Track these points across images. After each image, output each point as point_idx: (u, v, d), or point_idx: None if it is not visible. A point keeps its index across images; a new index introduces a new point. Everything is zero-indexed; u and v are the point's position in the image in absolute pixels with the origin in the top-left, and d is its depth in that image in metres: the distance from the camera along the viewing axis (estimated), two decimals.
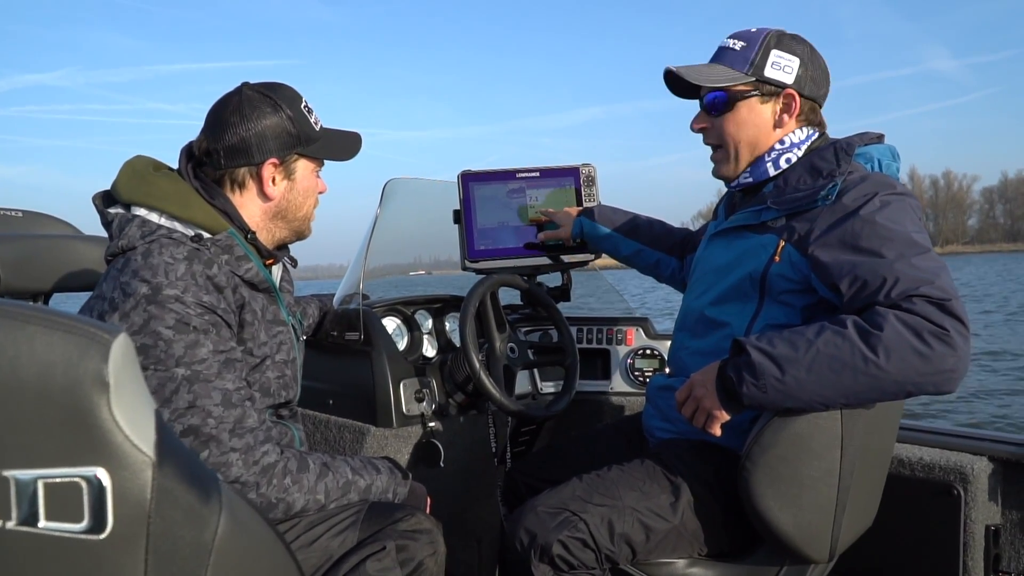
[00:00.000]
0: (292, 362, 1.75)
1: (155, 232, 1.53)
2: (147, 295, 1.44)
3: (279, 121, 1.64)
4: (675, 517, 1.70)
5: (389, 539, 1.56)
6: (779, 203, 1.73)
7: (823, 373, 1.47)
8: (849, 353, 1.45)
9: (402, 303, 2.53)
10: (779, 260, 1.71)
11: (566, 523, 1.66)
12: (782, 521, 1.60)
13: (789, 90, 1.81)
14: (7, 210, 2.40)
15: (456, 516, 1.98)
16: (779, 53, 1.80)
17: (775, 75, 1.80)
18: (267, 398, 1.65)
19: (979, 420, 8.07)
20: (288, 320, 1.76)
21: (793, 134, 1.84)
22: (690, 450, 1.82)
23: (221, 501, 0.79)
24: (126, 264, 1.50)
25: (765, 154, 1.84)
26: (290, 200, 1.71)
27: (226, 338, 1.52)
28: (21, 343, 0.67)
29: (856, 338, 1.45)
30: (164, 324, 1.43)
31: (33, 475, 0.67)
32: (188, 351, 1.44)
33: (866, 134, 1.82)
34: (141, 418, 0.71)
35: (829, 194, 1.65)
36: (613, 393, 2.74)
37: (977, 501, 2.05)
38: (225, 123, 1.63)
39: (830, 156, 1.73)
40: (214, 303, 1.50)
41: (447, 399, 2.33)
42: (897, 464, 2.15)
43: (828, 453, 1.57)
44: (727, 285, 1.82)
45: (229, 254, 1.59)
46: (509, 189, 2.54)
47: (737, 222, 1.84)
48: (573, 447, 2.17)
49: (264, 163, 1.64)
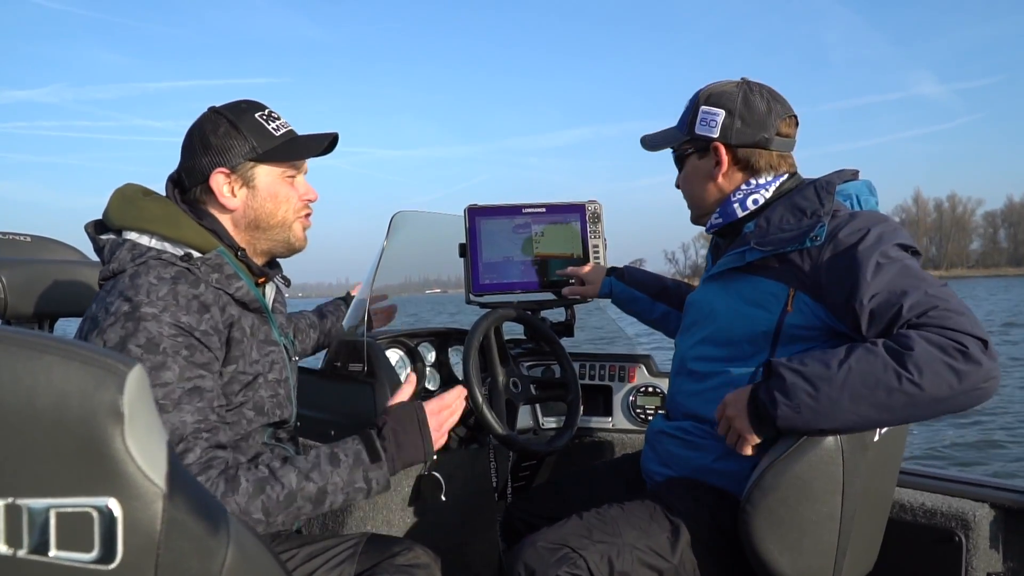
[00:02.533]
0: (285, 381, 1.74)
1: (145, 254, 1.55)
2: (126, 312, 1.45)
3: (227, 133, 1.64)
4: (674, 557, 1.69)
5: (386, 573, 1.56)
6: (763, 243, 1.75)
7: (857, 391, 1.48)
8: (882, 371, 1.47)
9: (406, 335, 2.54)
10: (792, 310, 1.72)
11: (565, 559, 1.65)
12: (782, 565, 1.59)
13: (715, 143, 1.89)
14: (15, 235, 2.42)
15: (455, 549, 1.97)
16: (706, 109, 1.90)
17: (702, 131, 1.90)
18: (261, 416, 1.64)
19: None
20: (280, 340, 1.75)
21: (757, 178, 1.88)
22: (689, 490, 1.82)
23: (229, 533, 0.80)
24: (114, 286, 1.52)
25: (730, 196, 1.90)
26: (256, 208, 1.68)
27: (198, 363, 1.49)
28: (38, 373, 0.67)
29: (887, 357, 1.47)
30: (136, 342, 1.42)
31: (46, 504, 0.68)
32: (152, 373, 1.42)
33: (843, 171, 1.87)
34: (154, 449, 0.71)
35: (818, 234, 1.67)
36: (614, 430, 2.74)
37: (979, 548, 2.04)
38: (186, 147, 1.68)
39: (812, 196, 1.75)
40: (192, 325, 1.49)
41: (449, 432, 2.33)
42: (898, 509, 2.14)
43: (829, 497, 1.57)
44: (733, 333, 1.82)
45: (219, 272, 1.59)
46: (515, 224, 2.56)
47: (724, 266, 1.86)
48: (573, 484, 2.17)
49: (212, 174, 1.64)
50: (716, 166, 1.90)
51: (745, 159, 1.88)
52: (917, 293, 1.52)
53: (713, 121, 1.88)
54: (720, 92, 1.89)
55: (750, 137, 1.86)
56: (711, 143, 1.89)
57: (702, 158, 1.93)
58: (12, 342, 0.68)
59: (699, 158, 1.94)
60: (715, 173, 1.91)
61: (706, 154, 1.92)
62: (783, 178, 1.88)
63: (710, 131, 1.88)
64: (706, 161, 1.92)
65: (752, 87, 1.88)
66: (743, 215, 1.88)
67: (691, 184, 1.99)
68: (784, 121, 1.88)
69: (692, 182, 1.98)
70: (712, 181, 1.92)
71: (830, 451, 1.55)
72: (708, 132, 1.89)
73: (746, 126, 1.86)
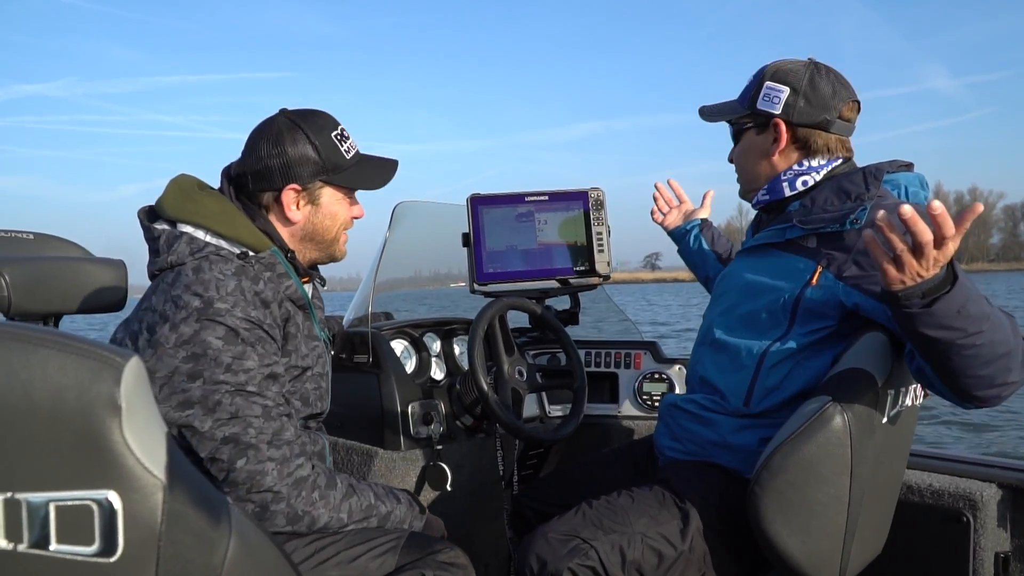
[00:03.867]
0: (326, 375, 1.81)
1: (203, 249, 1.59)
2: (199, 308, 1.49)
3: (304, 149, 1.68)
4: (684, 543, 1.69)
5: (428, 568, 1.60)
6: (805, 222, 1.77)
7: (991, 335, 1.39)
8: (1008, 333, 1.43)
9: (410, 325, 2.53)
10: (815, 284, 1.74)
11: (576, 551, 1.65)
12: (791, 547, 1.59)
13: (776, 119, 1.86)
14: (18, 232, 2.42)
15: (463, 539, 1.97)
16: (771, 85, 1.87)
17: (764, 107, 1.88)
18: (306, 408, 1.72)
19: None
20: (321, 336, 1.80)
21: (808, 161, 1.87)
22: (698, 474, 1.82)
23: (231, 524, 0.79)
24: (177, 278, 1.55)
25: (781, 174, 1.89)
26: (315, 224, 1.74)
27: (270, 352, 1.57)
28: (34, 366, 0.67)
29: (1008, 324, 1.45)
30: (214, 335, 1.48)
31: (45, 498, 0.68)
32: (236, 361, 1.49)
33: (895, 161, 1.87)
34: (152, 441, 0.71)
35: (859, 217, 1.68)
36: (621, 417, 2.73)
37: (986, 528, 2.03)
38: (256, 149, 1.69)
39: (859, 180, 1.76)
40: (260, 318, 1.56)
41: (455, 422, 2.33)
42: (907, 490, 2.13)
43: (837, 479, 1.57)
44: (756, 305, 1.84)
45: (272, 271, 1.64)
46: (518, 213, 2.55)
47: (763, 240, 1.89)
48: (581, 471, 2.17)
49: (285, 188, 1.68)
50: (774, 143, 1.88)
51: (804, 139, 1.87)
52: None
53: (777, 97, 1.86)
54: (787, 69, 1.88)
55: (812, 117, 1.85)
56: (772, 119, 1.88)
57: (760, 133, 1.92)
58: (7, 336, 0.68)
59: (757, 133, 1.92)
60: (772, 150, 1.89)
61: (764, 130, 1.90)
62: (837, 162, 1.87)
63: (772, 107, 1.87)
64: (764, 137, 1.91)
65: (819, 68, 1.87)
66: (790, 195, 1.88)
67: (746, 159, 1.97)
68: (848, 105, 1.87)
69: (747, 157, 1.97)
70: (767, 158, 1.91)
71: (838, 433, 1.55)
72: (770, 108, 1.87)
73: (809, 106, 1.85)
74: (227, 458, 1.48)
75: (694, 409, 1.92)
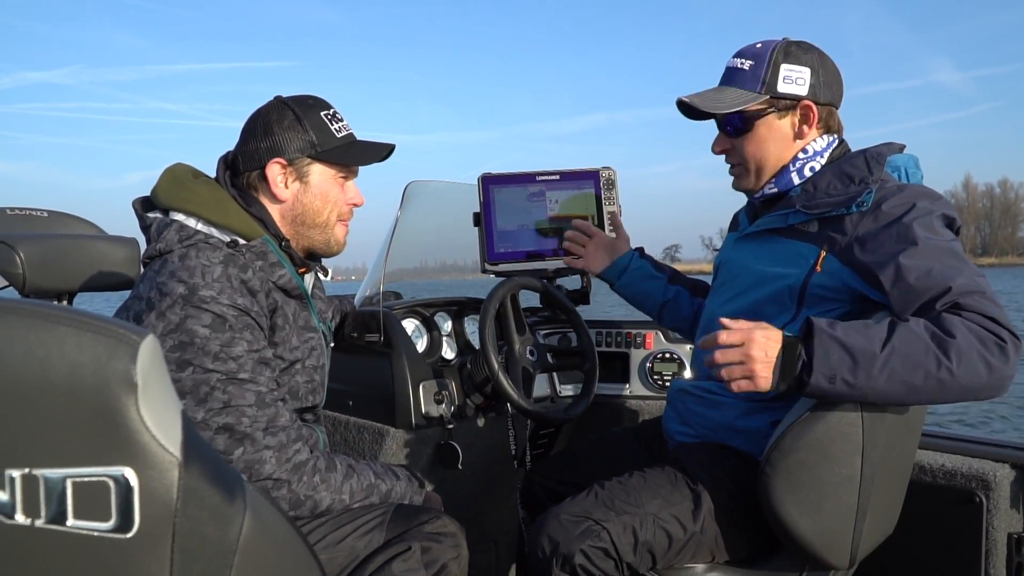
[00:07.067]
0: (321, 368, 1.79)
1: (192, 237, 1.58)
2: (184, 295, 1.48)
3: (291, 124, 1.67)
4: (696, 524, 1.70)
5: (415, 540, 1.59)
6: (809, 207, 1.74)
7: (896, 372, 1.44)
8: (923, 354, 1.43)
9: (422, 305, 2.53)
10: (820, 270, 1.72)
11: (589, 532, 1.65)
12: (802, 527, 1.59)
13: (805, 101, 1.82)
14: (32, 210, 2.43)
15: (474, 518, 1.98)
16: (789, 67, 1.81)
17: (788, 89, 1.82)
18: (295, 401, 1.70)
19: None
20: (319, 327, 1.79)
21: (815, 142, 1.84)
22: (709, 455, 1.82)
23: (246, 501, 0.80)
24: (163, 266, 1.54)
25: (789, 164, 1.85)
26: (305, 204, 1.72)
27: (259, 339, 1.56)
28: (51, 344, 0.67)
29: (930, 342, 1.44)
30: (200, 323, 1.48)
31: (62, 474, 0.68)
32: (224, 349, 1.49)
33: (892, 144, 1.84)
34: (168, 418, 0.71)
35: (865, 200, 1.66)
36: (632, 397, 2.74)
37: (999, 509, 2.03)
38: (247, 131, 1.70)
39: (861, 163, 1.74)
40: (247, 306, 1.55)
41: (466, 401, 2.34)
42: (919, 471, 2.13)
43: (849, 459, 1.56)
44: (762, 294, 1.83)
45: (263, 260, 1.63)
46: (529, 192, 2.54)
47: (763, 226, 1.85)
48: (592, 451, 2.17)
49: (269, 163, 1.67)
50: (803, 124, 1.83)
51: (827, 117, 1.85)
52: (961, 277, 1.50)
53: (801, 79, 1.81)
54: (797, 47, 1.83)
55: (832, 94, 1.84)
56: (799, 101, 1.82)
57: (782, 117, 1.84)
58: (25, 313, 0.69)
59: (779, 117, 1.85)
60: (802, 131, 1.83)
61: (786, 114, 1.84)
62: (835, 144, 1.86)
63: (799, 89, 1.81)
64: (787, 120, 1.84)
65: (812, 46, 1.85)
66: (798, 184, 1.84)
67: (764, 146, 1.86)
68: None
69: (767, 145, 1.86)
70: (797, 139, 1.85)
71: (849, 413, 1.54)
72: (797, 90, 1.81)
73: (827, 84, 1.83)
74: (223, 448, 1.48)
75: (703, 394, 1.91)
